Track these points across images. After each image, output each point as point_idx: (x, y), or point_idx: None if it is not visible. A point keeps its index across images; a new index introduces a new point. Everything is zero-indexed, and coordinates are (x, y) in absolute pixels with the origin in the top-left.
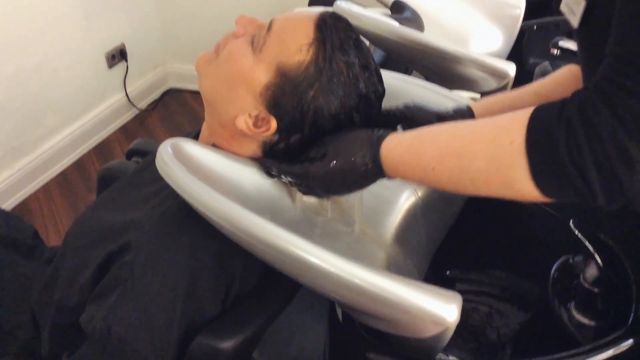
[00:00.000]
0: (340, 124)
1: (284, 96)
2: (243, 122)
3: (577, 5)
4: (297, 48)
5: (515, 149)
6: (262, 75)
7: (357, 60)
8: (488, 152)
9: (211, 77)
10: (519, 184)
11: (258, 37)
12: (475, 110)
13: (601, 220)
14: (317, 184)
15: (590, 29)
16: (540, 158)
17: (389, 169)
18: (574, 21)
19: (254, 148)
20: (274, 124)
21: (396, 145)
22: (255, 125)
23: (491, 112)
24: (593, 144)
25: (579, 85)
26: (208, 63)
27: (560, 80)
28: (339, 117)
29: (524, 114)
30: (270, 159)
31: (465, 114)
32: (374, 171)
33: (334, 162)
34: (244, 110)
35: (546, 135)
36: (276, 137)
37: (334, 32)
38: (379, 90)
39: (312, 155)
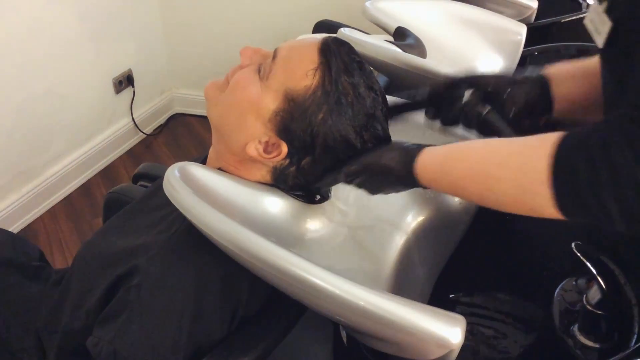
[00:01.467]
0: (350, 144)
1: (293, 121)
2: (254, 149)
3: (603, 24)
4: (303, 73)
5: (541, 179)
6: (270, 102)
7: (361, 81)
8: (515, 178)
9: (220, 106)
10: (545, 209)
11: (264, 65)
12: (550, 76)
13: (604, 244)
14: (366, 187)
15: (615, 50)
16: (564, 191)
17: (426, 183)
18: (599, 41)
19: (262, 173)
20: (284, 148)
21: (430, 161)
22: (265, 151)
23: (564, 76)
24: (615, 185)
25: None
26: (218, 92)
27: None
28: (348, 137)
29: (549, 142)
30: (283, 179)
31: (539, 81)
32: (409, 181)
33: (376, 175)
34: (254, 137)
35: (571, 171)
36: (287, 162)
37: (337, 55)
38: (385, 109)
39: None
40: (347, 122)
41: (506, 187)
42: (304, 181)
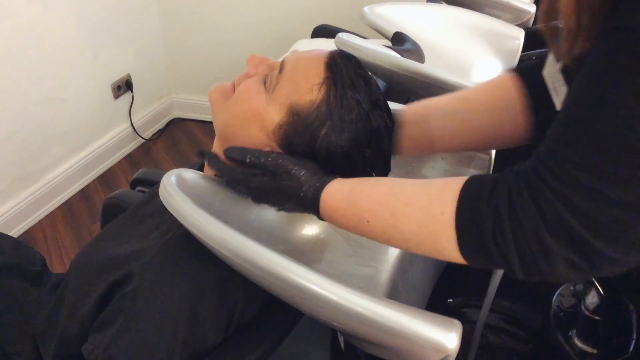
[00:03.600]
0: (352, 159)
1: (297, 134)
2: None
3: (560, 86)
4: (308, 88)
5: (446, 222)
6: (274, 115)
7: (367, 97)
8: (420, 218)
9: (225, 114)
10: (448, 252)
11: (270, 77)
12: (407, 113)
13: None
14: (253, 193)
15: None
16: (467, 237)
17: (325, 213)
18: (557, 103)
19: None
20: None
21: (335, 192)
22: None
23: (413, 117)
24: (517, 235)
25: (504, 94)
26: (222, 98)
27: (485, 88)
28: (350, 153)
29: (457, 185)
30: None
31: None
32: (310, 205)
33: (284, 182)
34: (257, 147)
35: (474, 217)
36: None
37: (344, 71)
38: (389, 125)
39: (264, 166)
40: (350, 137)
41: (412, 227)
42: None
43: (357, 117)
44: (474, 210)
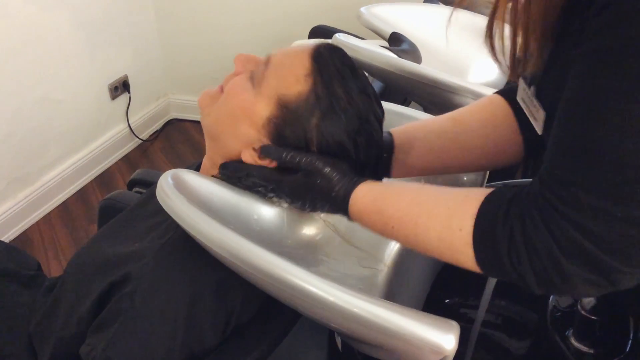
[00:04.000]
0: (345, 149)
1: (287, 127)
2: (249, 156)
3: (537, 111)
4: (295, 79)
5: (463, 238)
6: (263, 109)
7: (354, 85)
8: (440, 231)
9: (214, 114)
10: (467, 265)
11: (257, 72)
12: (396, 137)
13: None
14: (287, 193)
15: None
16: (484, 255)
17: (353, 215)
18: (538, 128)
19: None
20: None
21: (363, 195)
22: (260, 157)
23: (409, 138)
24: (532, 257)
25: (496, 112)
26: (211, 101)
27: (477, 108)
28: (342, 142)
29: (476, 201)
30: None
31: (385, 141)
32: (340, 207)
33: (317, 182)
34: (248, 144)
35: (490, 237)
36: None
37: (330, 61)
38: (379, 113)
39: (298, 166)
40: (341, 127)
41: (433, 239)
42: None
43: (345, 105)
44: (490, 231)
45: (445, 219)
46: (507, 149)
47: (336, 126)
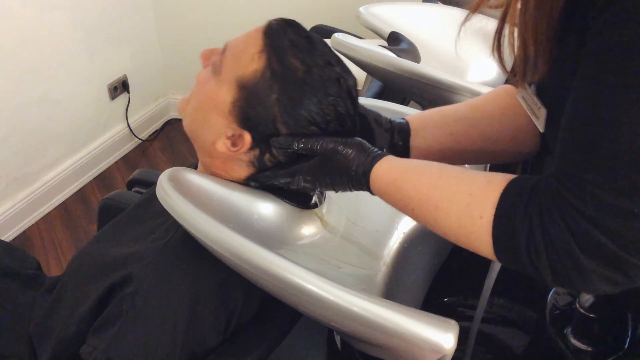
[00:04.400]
0: (312, 120)
1: (250, 107)
2: (222, 145)
3: (538, 109)
4: (249, 58)
5: (483, 226)
6: (226, 94)
7: (311, 55)
8: (460, 217)
9: (187, 114)
10: (484, 253)
11: (216, 61)
12: (412, 122)
13: None
14: (308, 180)
15: (553, 134)
16: (502, 245)
17: (375, 191)
18: (540, 126)
19: (244, 169)
20: (247, 137)
21: (384, 173)
22: (233, 145)
23: (426, 123)
24: (549, 252)
25: (513, 101)
26: (186, 104)
27: (493, 97)
28: (309, 114)
29: (498, 188)
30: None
31: (401, 127)
32: (361, 184)
33: (334, 164)
34: (220, 133)
35: (510, 227)
36: (257, 151)
37: (282, 34)
38: (347, 79)
39: (312, 150)
40: (303, 98)
41: (452, 223)
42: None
43: (304, 75)
44: (510, 221)
45: (466, 205)
46: (524, 139)
47: (297, 98)
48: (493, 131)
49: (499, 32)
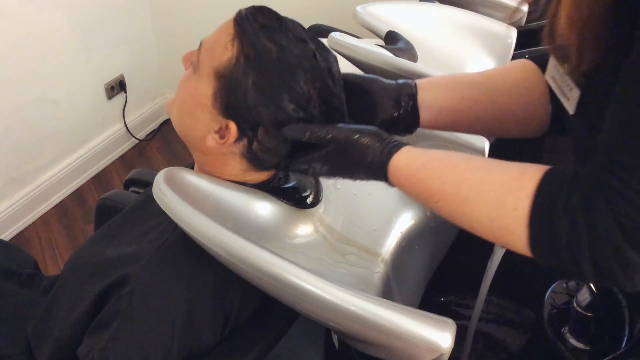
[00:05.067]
0: (294, 100)
1: (230, 96)
2: (211, 140)
3: (570, 89)
4: (223, 48)
5: (518, 218)
6: (206, 88)
7: (283, 34)
8: (491, 209)
9: (175, 114)
10: (516, 247)
11: (194, 60)
12: (420, 86)
13: None
14: (324, 169)
15: (584, 116)
16: (539, 238)
17: (394, 182)
18: (569, 107)
19: (237, 164)
20: (233, 127)
21: (405, 165)
22: (222, 137)
23: (436, 83)
24: (593, 244)
25: (529, 76)
26: (172, 104)
27: (509, 68)
28: (289, 94)
29: (533, 179)
30: (258, 162)
31: (408, 87)
32: (378, 174)
33: (349, 152)
34: (208, 128)
35: (549, 219)
36: (245, 140)
37: (252, 19)
38: (322, 55)
39: (326, 140)
40: (280, 78)
41: (482, 215)
42: (275, 156)
43: (278, 55)
44: (549, 213)
45: (498, 196)
46: (535, 116)
47: (274, 79)
48: (504, 101)
49: (552, 17)
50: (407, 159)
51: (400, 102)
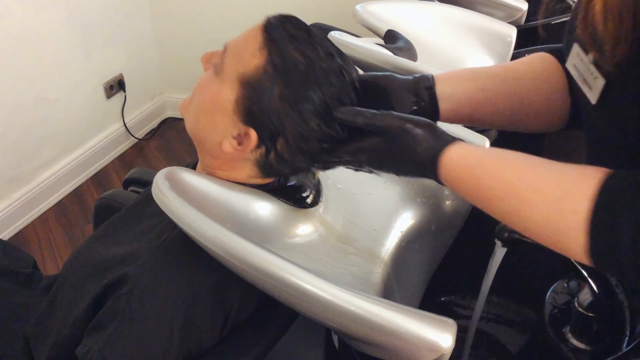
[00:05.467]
0: (316, 112)
1: (254, 104)
2: (228, 145)
3: (594, 79)
4: (250, 55)
5: (577, 222)
6: (229, 93)
7: (313, 47)
8: (548, 212)
9: (191, 115)
10: (572, 252)
11: (218, 62)
12: (437, 80)
13: None
14: (370, 159)
15: (606, 107)
16: (600, 243)
17: (444, 179)
18: (592, 97)
19: (249, 170)
20: (253, 135)
21: (458, 160)
22: (240, 144)
23: (454, 77)
24: None
25: (548, 68)
26: (188, 105)
27: (527, 61)
28: (312, 106)
29: (593, 181)
30: (270, 171)
31: (427, 81)
32: (427, 170)
33: (398, 143)
34: (226, 133)
35: (611, 225)
36: (263, 149)
37: (281, 28)
38: (350, 71)
39: (377, 127)
40: (305, 90)
41: (537, 218)
42: (290, 167)
43: (306, 68)
44: (611, 217)
45: (556, 198)
46: (555, 108)
47: (300, 91)
48: (524, 93)
49: (587, 3)
50: (461, 153)
51: (418, 95)
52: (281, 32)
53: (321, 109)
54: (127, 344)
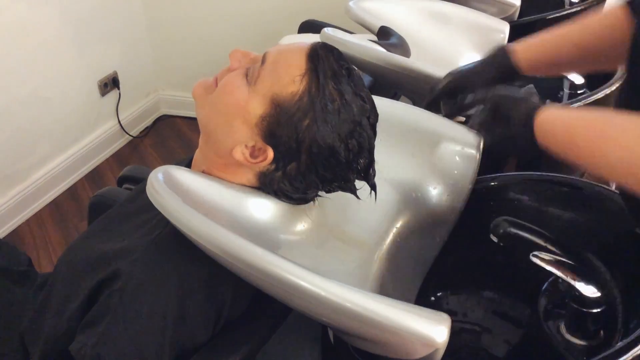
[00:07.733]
0: (335, 152)
1: (279, 126)
2: (240, 154)
3: None
4: (290, 79)
5: None
6: (257, 107)
7: (349, 88)
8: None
9: (208, 108)
10: None
11: (252, 69)
12: (518, 54)
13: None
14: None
15: None
16: None
17: (541, 137)
18: None
19: (248, 177)
20: (270, 154)
21: (554, 119)
22: (252, 155)
23: (532, 61)
24: None
25: (625, 35)
26: (205, 93)
27: (604, 33)
28: (334, 145)
29: None
30: (269, 185)
31: (504, 55)
32: (524, 135)
33: (498, 109)
34: (241, 141)
35: None
36: (273, 167)
37: (325, 62)
38: (372, 117)
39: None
40: (333, 129)
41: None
42: (290, 186)
43: (339, 108)
44: None
45: None
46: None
47: (328, 128)
48: (597, 52)
49: None
50: (557, 112)
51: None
52: (325, 66)
53: (340, 149)
54: (120, 339)
